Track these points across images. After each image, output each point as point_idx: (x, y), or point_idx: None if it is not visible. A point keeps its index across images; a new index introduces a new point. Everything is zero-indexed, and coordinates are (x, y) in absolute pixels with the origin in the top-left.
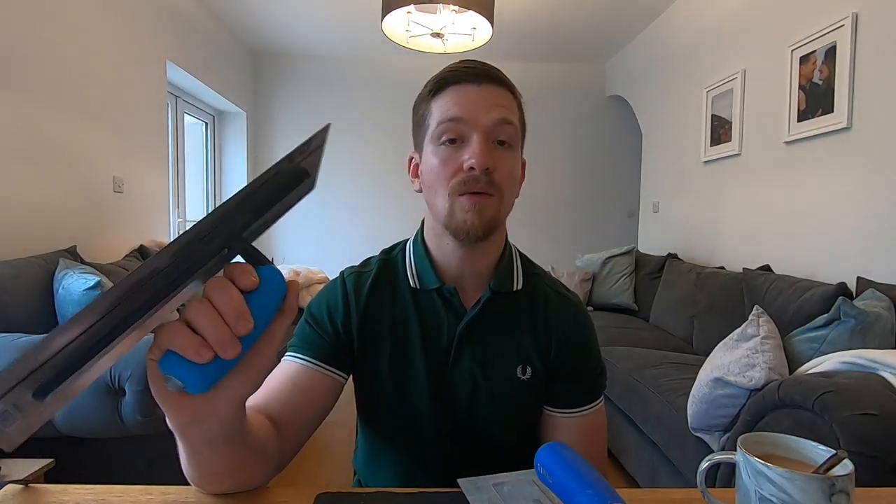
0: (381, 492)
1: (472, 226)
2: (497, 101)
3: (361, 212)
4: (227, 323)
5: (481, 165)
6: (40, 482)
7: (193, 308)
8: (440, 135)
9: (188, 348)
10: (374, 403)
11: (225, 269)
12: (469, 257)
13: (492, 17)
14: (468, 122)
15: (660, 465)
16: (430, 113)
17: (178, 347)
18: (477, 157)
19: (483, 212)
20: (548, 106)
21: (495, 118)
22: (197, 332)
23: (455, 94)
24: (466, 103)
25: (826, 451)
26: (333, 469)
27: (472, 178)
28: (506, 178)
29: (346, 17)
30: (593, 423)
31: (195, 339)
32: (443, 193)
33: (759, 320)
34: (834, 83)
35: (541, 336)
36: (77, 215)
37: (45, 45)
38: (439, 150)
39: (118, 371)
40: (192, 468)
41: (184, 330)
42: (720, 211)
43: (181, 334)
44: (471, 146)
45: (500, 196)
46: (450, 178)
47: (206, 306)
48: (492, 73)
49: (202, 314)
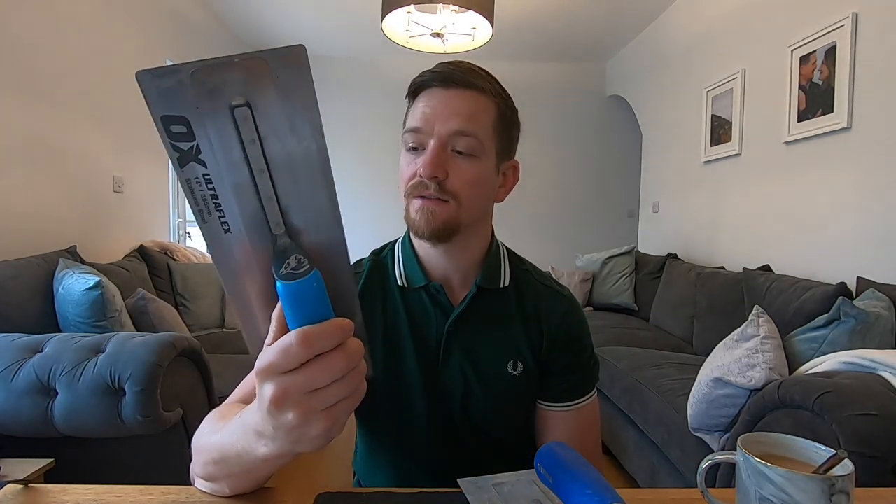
0: (381, 492)
1: (419, 227)
2: (459, 109)
3: (362, 211)
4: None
5: (428, 174)
6: (40, 482)
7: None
8: (406, 142)
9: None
10: (369, 404)
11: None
12: (448, 256)
13: (492, 17)
14: (425, 131)
15: (660, 465)
16: (406, 116)
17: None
18: (424, 166)
19: (432, 216)
20: (548, 106)
21: (452, 129)
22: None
23: (425, 100)
24: (429, 111)
25: (826, 451)
26: (333, 469)
27: (421, 184)
28: (463, 185)
29: (346, 17)
30: (587, 415)
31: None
32: (403, 195)
33: (759, 320)
34: (834, 83)
35: (532, 331)
36: (77, 215)
37: (46, 46)
38: (405, 156)
39: (118, 371)
40: (235, 476)
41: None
42: (720, 211)
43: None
44: (424, 154)
45: (456, 202)
46: (407, 182)
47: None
48: (460, 76)
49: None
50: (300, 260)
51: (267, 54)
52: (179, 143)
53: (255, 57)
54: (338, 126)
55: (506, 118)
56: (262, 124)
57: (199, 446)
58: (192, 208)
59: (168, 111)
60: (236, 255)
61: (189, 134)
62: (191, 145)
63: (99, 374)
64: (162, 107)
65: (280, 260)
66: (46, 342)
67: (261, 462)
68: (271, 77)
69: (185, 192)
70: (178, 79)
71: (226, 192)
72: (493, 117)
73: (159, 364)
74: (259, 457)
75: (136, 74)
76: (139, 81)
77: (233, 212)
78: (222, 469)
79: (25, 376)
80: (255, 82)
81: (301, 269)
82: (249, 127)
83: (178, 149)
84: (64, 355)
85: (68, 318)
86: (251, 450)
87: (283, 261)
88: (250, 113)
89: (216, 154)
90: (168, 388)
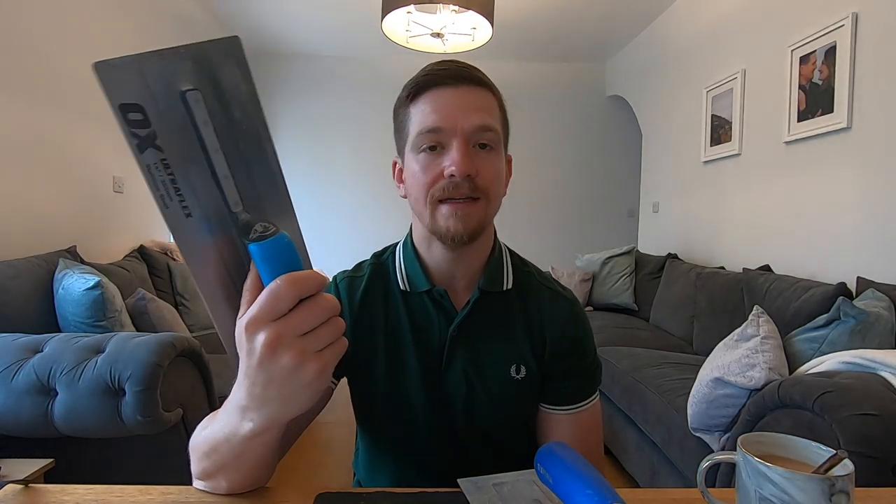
0: (381, 492)
1: (456, 232)
2: (476, 105)
3: (362, 211)
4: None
5: (462, 173)
6: (40, 482)
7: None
8: (420, 144)
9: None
10: (371, 407)
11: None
12: (458, 260)
13: (492, 17)
14: (447, 129)
15: (660, 465)
16: (409, 119)
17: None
18: (458, 165)
19: (467, 218)
20: (548, 106)
21: (475, 124)
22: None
23: (433, 99)
24: (444, 109)
25: (826, 451)
26: (333, 469)
27: (453, 185)
28: (491, 181)
29: (346, 17)
30: (590, 418)
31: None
32: (424, 201)
33: (759, 320)
34: (834, 83)
35: (535, 334)
36: (77, 215)
37: (47, 46)
38: (420, 158)
39: (118, 371)
40: (227, 465)
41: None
42: (720, 211)
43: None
44: (451, 153)
45: (486, 199)
46: (430, 186)
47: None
48: (469, 73)
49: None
50: (265, 226)
51: (208, 45)
52: (137, 130)
53: (199, 47)
54: (337, 125)
55: (504, 111)
56: (212, 106)
57: (193, 446)
58: (153, 195)
59: (125, 99)
60: (199, 240)
61: (145, 120)
62: (148, 131)
63: (99, 374)
64: (119, 95)
65: (246, 230)
66: (46, 342)
67: (248, 441)
68: (215, 64)
69: (145, 178)
70: (134, 68)
71: (184, 176)
72: (498, 111)
73: (159, 364)
74: (246, 434)
75: (94, 65)
76: (97, 72)
77: (192, 195)
78: (215, 461)
79: (25, 376)
80: (201, 69)
81: (269, 231)
82: (201, 109)
83: (136, 135)
84: (64, 355)
85: (68, 318)
86: (237, 430)
87: (250, 229)
88: (200, 96)
89: (172, 138)
90: (168, 388)
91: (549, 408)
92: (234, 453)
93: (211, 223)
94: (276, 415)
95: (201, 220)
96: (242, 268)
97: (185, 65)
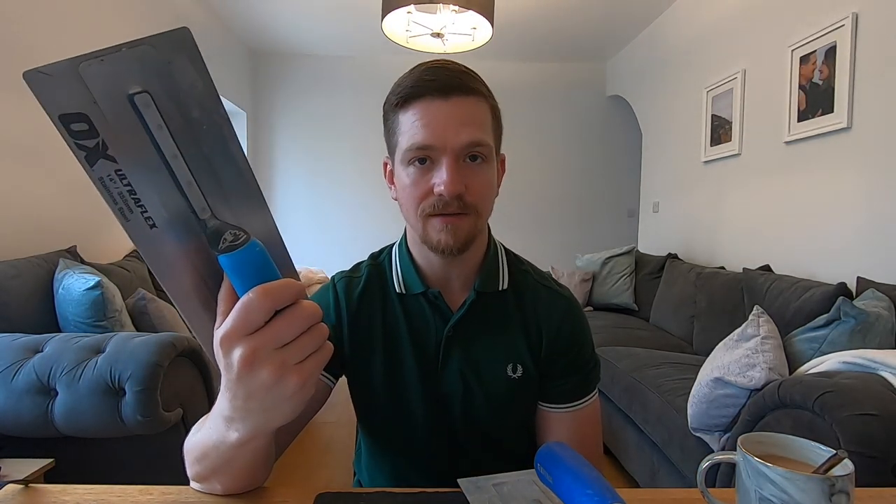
0: (381, 492)
1: (447, 245)
2: (466, 118)
3: (362, 211)
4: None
5: (451, 193)
6: (40, 482)
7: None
8: (410, 158)
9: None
10: (370, 407)
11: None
12: (452, 263)
13: (492, 17)
14: (437, 146)
15: (660, 465)
16: (398, 126)
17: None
18: (447, 186)
19: (457, 231)
20: (548, 106)
21: (465, 141)
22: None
23: (423, 112)
24: (434, 124)
25: (826, 451)
26: (333, 469)
27: (442, 203)
28: (480, 197)
29: (346, 17)
30: (589, 416)
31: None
32: (415, 214)
33: (759, 320)
34: (834, 83)
35: (531, 333)
36: (77, 215)
37: (47, 46)
38: (410, 171)
39: (118, 371)
40: (218, 470)
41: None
42: (720, 211)
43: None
44: (440, 170)
45: (475, 213)
46: (420, 200)
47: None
48: (459, 81)
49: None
50: (236, 234)
51: (153, 39)
52: (83, 142)
53: (142, 43)
54: (337, 125)
55: (496, 115)
56: (165, 108)
57: (186, 449)
58: (111, 208)
59: (65, 109)
60: (167, 251)
61: (92, 130)
62: (96, 142)
63: (99, 374)
64: (58, 106)
65: (215, 239)
66: (46, 342)
67: (235, 449)
68: (164, 61)
69: (100, 192)
70: (71, 74)
71: (143, 185)
72: (490, 118)
73: (159, 364)
74: (233, 443)
75: (24, 75)
76: (28, 82)
77: (154, 205)
78: (206, 465)
79: (25, 376)
80: (148, 68)
81: (239, 240)
82: (153, 113)
83: (84, 147)
84: (64, 355)
85: (68, 318)
86: (224, 438)
87: (219, 238)
88: (150, 99)
89: (124, 146)
90: (168, 388)
91: (548, 406)
92: (224, 459)
93: (178, 232)
94: (260, 426)
95: (167, 230)
96: (218, 273)
97: (129, 65)
